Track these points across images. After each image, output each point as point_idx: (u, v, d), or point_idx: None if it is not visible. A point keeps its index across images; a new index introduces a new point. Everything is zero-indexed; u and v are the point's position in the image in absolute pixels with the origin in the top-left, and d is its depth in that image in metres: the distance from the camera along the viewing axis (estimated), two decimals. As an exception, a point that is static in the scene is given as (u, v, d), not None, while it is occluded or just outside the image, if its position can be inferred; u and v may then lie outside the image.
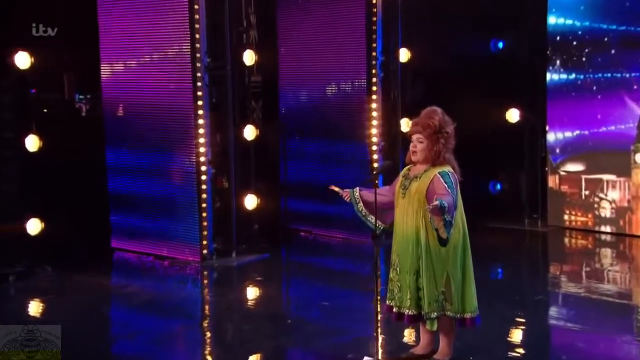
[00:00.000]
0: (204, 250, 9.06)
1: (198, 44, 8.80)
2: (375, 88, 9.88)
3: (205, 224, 9.01)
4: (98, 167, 9.63)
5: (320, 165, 10.28)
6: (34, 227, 8.93)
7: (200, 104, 8.88)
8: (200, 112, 8.88)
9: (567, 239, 10.55)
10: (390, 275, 5.44)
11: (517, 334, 6.88)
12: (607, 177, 10.34)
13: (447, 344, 5.41)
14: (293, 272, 9.31)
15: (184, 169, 9.00)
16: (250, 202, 9.55)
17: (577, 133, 10.50)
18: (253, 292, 8.44)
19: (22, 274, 8.59)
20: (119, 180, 9.54)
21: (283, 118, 10.59)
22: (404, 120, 10.21)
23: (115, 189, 9.59)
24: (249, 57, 9.47)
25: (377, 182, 9.33)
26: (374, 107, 9.91)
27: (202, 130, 8.91)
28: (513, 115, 11.05)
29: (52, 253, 9.11)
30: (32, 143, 8.89)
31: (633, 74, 9.95)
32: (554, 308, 7.74)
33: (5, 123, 9.06)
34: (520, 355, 6.23)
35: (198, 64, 8.83)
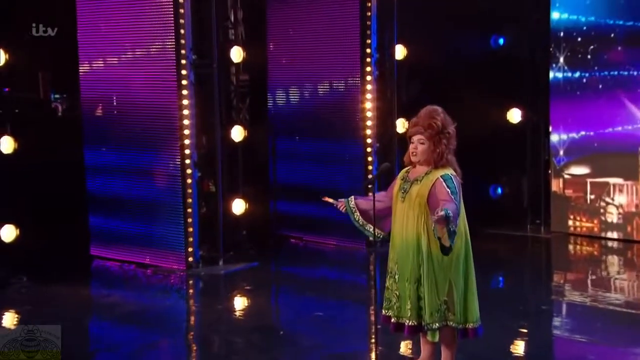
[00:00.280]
0: (190, 258, 9.06)
1: (183, 40, 8.80)
2: (370, 87, 9.90)
3: (191, 230, 9.00)
4: (76, 169, 9.61)
5: (312, 167, 10.30)
6: (9, 234, 8.90)
7: (186, 103, 8.87)
8: (186, 111, 8.87)
9: (571, 246, 10.59)
10: (387, 284, 5.42)
11: (520, 346, 6.90)
12: (613, 180, 10.39)
13: (449, 356, 5.42)
14: (284, 281, 9.31)
15: (169, 172, 8.99)
16: (238, 206, 9.55)
17: (581, 134, 10.54)
18: (242, 302, 8.43)
19: (-5, 285, 8.58)
20: (99, 184, 9.53)
21: (272, 118, 10.61)
22: (400, 121, 10.25)
23: (95, 194, 9.57)
24: (237, 54, 9.47)
25: (373, 186, 9.48)
26: (369, 106, 9.93)
27: (187, 131, 8.90)
28: (514, 116, 11.10)
29: (27, 262, 9.09)
30: (6, 145, 8.87)
31: (641, 72, 10.03)
32: (559, 318, 7.77)
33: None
34: (525, 368, 6.27)
35: (183, 61, 8.82)
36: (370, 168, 9.91)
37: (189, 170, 8.97)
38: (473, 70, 10.80)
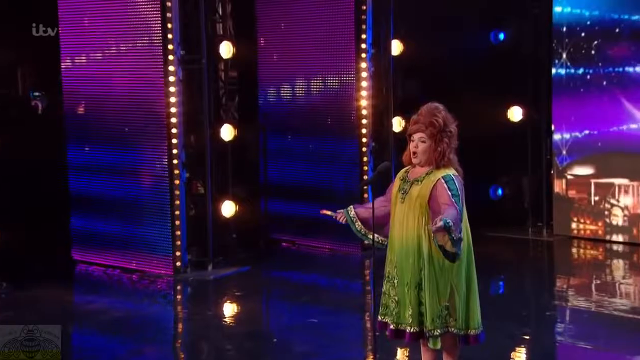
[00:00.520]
0: (177, 263, 9.06)
1: (170, 34, 8.81)
2: (365, 84, 9.93)
3: (179, 233, 9.00)
4: (58, 170, 9.61)
5: (304, 168, 10.33)
6: (-13, 237, 8.91)
7: (173, 101, 8.88)
8: (173, 109, 8.88)
9: (574, 249, 10.62)
10: (384, 289, 5.42)
11: (523, 353, 6.95)
12: (618, 181, 10.43)
13: (451, 364, 5.45)
14: (275, 286, 9.32)
15: (155, 173, 9.00)
16: (228, 209, 9.56)
17: (585, 133, 10.58)
18: (232, 308, 8.45)
19: (-27, 290, 8.59)
20: (82, 185, 9.53)
21: (263, 116, 10.63)
22: (396, 119, 10.28)
23: (78, 195, 9.57)
24: (226, 49, 9.49)
25: (367, 187, 9.48)
26: (364, 104, 9.96)
27: (175, 130, 8.92)
28: (515, 114, 11.14)
29: (7, 266, 9.06)
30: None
31: (647, 68, 10.08)
32: (563, 324, 7.80)
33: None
34: (528, 376, 6.31)
35: (170, 57, 8.83)
36: (366, 169, 9.94)
37: (177, 171, 8.98)
38: (472, 67, 10.83)
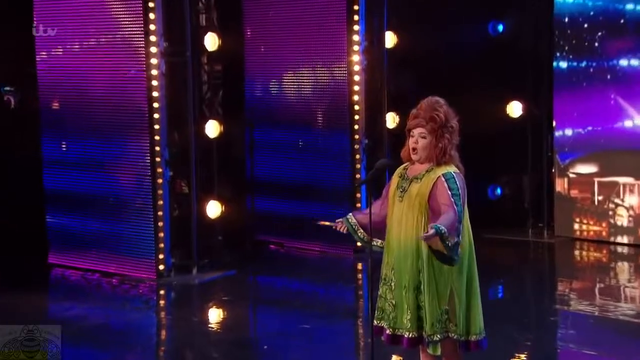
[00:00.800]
0: (160, 266, 9.07)
1: (153, 25, 8.81)
2: (358, 77, 9.95)
3: (162, 235, 9.01)
4: (34, 170, 9.60)
5: (293, 166, 10.34)
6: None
7: (156, 96, 8.88)
8: (156, 104, 8.89)
9: (577, 251, 10.68)
10: (380, 292, 5.42)
11: (525, 359, 6.99)
12: (623, 179, 10.47)
13: (451, 371, 5.46)
14: (264, 291, 9.34)
15: (137, 172, 9.00)
16: (213, 209, 9.57)
17: (588, 129, 10.62)
18: (219, 314, 8.46)
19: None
20: (59, 185, 9.52)
21: (250, 112, 10.64)
22: (390, 115, 10.31)
23: (54, 194, 9.57)
24: (211, 41, 9.49)
25: (364, 186, 9.48)
26: (356, 99, 9.98)
27: (157, 126, 8.91)
28: (515, 109, 11.18)
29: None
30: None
31: (653, 61, 10.13)
32: (566, 330, 7.84)
33: None
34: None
35: (153, 49, 8.84)
36: (359, 167, 9.98)
37: (160, 169, 8.99)
38: (469, 60, 10.86)
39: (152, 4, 8.80)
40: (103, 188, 9.23)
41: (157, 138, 8.93)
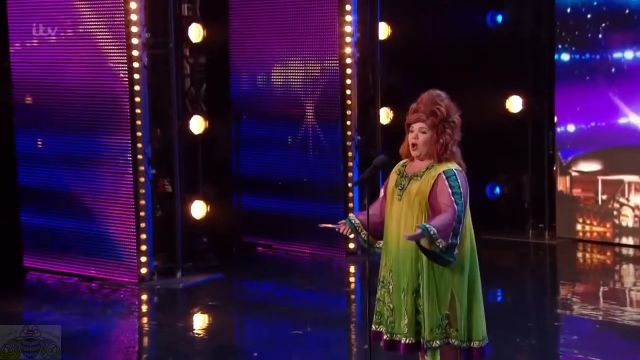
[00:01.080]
0: (143, 269, 9.06)
1: (135, 15, 8.80)
2: (350, 70, 9.97)
3: (144, 237, 9.00)
4: (7, 167, 9.58)
5: (281, 162, 10.35)
6: None
7: (138, 90, 8.87)
8: (137, 99, 8.87)
9: (580, 254, 10.70)
10: (379, 295, 5.41)
11: (528, 366, 7.04)
12: (628, 178, 10.49)
13: (451, 380, 5.46)
14: (252, 295, 9.35)
15: (118, 170, 8.99)
16: (198, 209, 9.58)
17: (591, 125, 10.64)
18: (204, 319, 8.46)
19: None
20: (34, 182, 9.49)
21: (235, 107, 10.63)
22: (384, 110, 10.32)
23: (28, 191, 9.54)
24: (196, 32, 9.49)
25: (362, 184, 9.47)
26: (348, 93, 9.99)
27: (139, 122, 8.90)
28: (514, 104, 11.20)
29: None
30: None
31: (659, 54, 10.16)
32: (569, 335, 7.86)
33: None
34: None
35: (134, 40, 8.83)
36: (351, 164, 9.99)
37: (142, 167, 8.97)
38: (467, 52, 10.87)
39: (133, -8, 8.81)
40: (82, 187, 9.20)
41: (138, 134, 8.92)
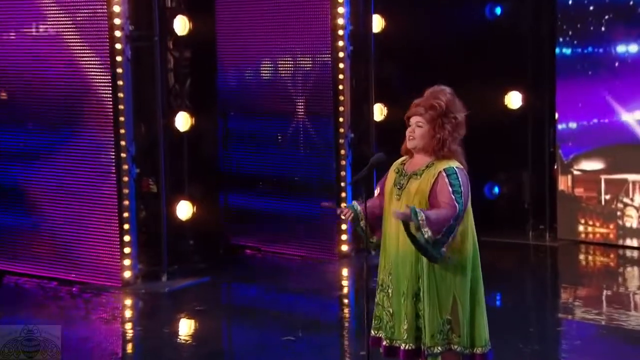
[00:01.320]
0: (126, 273, 9.04)
1: (117, 7, 8.78)
2: (343, 65, 9.96)
3: (128, 239, 8.99)
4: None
5: (271, 160, 10.35)
6: None
7: (121, 85, 8.86)
8: (121, 95, 8.87)
9: (582, 256, 10.73)
10: (378, 299, 5.43)
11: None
12: (632, 177, 10.52)
13: (453, 387, 5.46)
14: (240, 299, 9.35)
15: (101, 169, 8.98)
16: (184, 210, 9.58)
17: (594, 122, 10.67)
18: (191, 325, 8.43)
19: None
20: (10, 180, 9.49)
21: (223, 103, 10.63)
22: (378, 106, 10.33)
23: (4, 193, 9.53)
24: (182, 24, 9.49)
25: (355, 184, 9.48)
26: (341, 88, 9.98)
27: (122, 119, 8.89)
28: (514, 100, 11.22)
29: None
30: None
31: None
32: (572, 340, 7.87)
33: None
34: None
35: (117, 32, 8.81)
36: (344, 162, 10.00)
37: (126, 166, 8.97)
38: (464, 46, 10.89)
39: (116, -18, 8.80)
40: (62, 186, 9.17)
41: (122, 132, 8.91)
